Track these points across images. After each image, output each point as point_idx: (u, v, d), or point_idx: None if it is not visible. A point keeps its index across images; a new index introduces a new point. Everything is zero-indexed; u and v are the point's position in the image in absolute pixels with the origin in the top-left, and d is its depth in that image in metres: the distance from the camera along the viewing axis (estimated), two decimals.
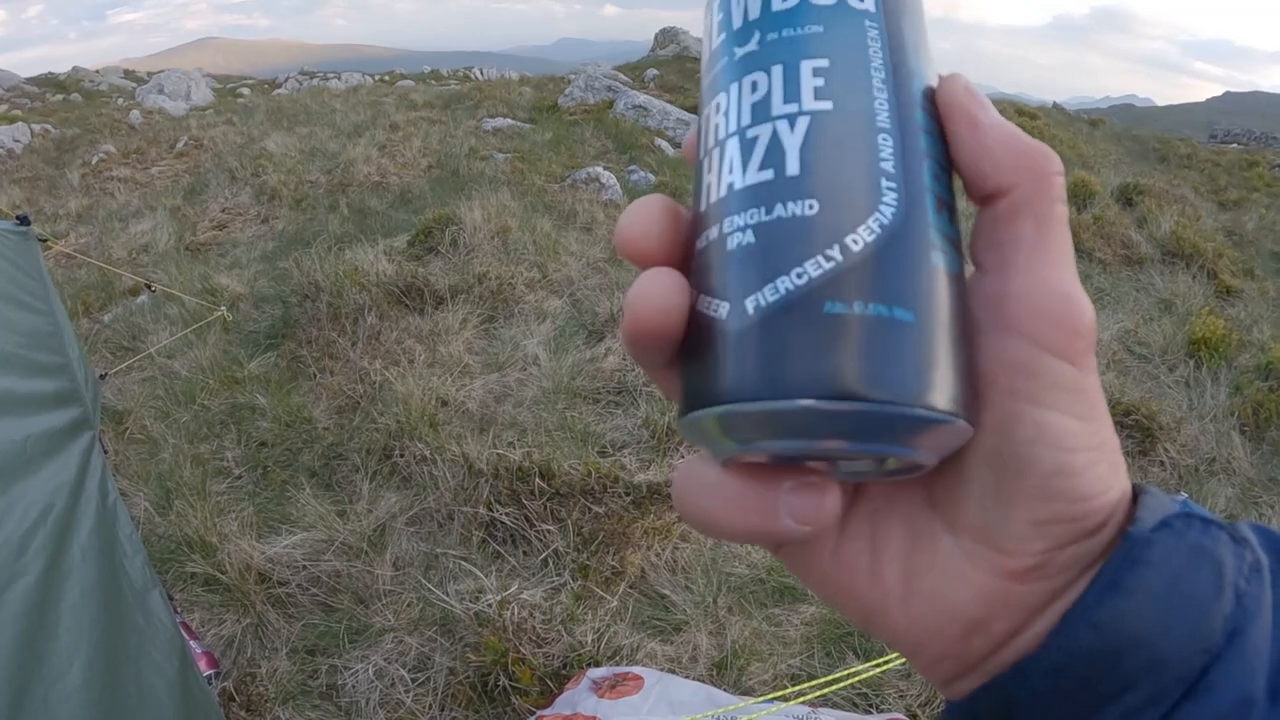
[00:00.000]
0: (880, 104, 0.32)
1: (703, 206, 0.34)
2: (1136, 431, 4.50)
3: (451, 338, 4.58)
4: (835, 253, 0.29)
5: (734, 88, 0.34)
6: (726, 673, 2.69)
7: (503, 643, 2.58)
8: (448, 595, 2.88)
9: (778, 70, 0.33)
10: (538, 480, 3.19)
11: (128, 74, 25.09)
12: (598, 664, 2.50)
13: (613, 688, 2.15)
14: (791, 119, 0.32)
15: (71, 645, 1.86)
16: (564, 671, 2.53)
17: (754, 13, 0.35)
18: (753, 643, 2.79)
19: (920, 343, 0.30)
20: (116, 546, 2.33)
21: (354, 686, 2.75)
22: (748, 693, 2.52)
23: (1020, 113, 15.02)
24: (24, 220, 3.49)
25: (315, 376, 4.48)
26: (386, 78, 22.23)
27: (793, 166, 0.31)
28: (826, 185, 0.31)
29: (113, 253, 7.12)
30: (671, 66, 17.39)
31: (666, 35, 20.42)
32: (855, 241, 0.30)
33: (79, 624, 1.92)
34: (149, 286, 5.52)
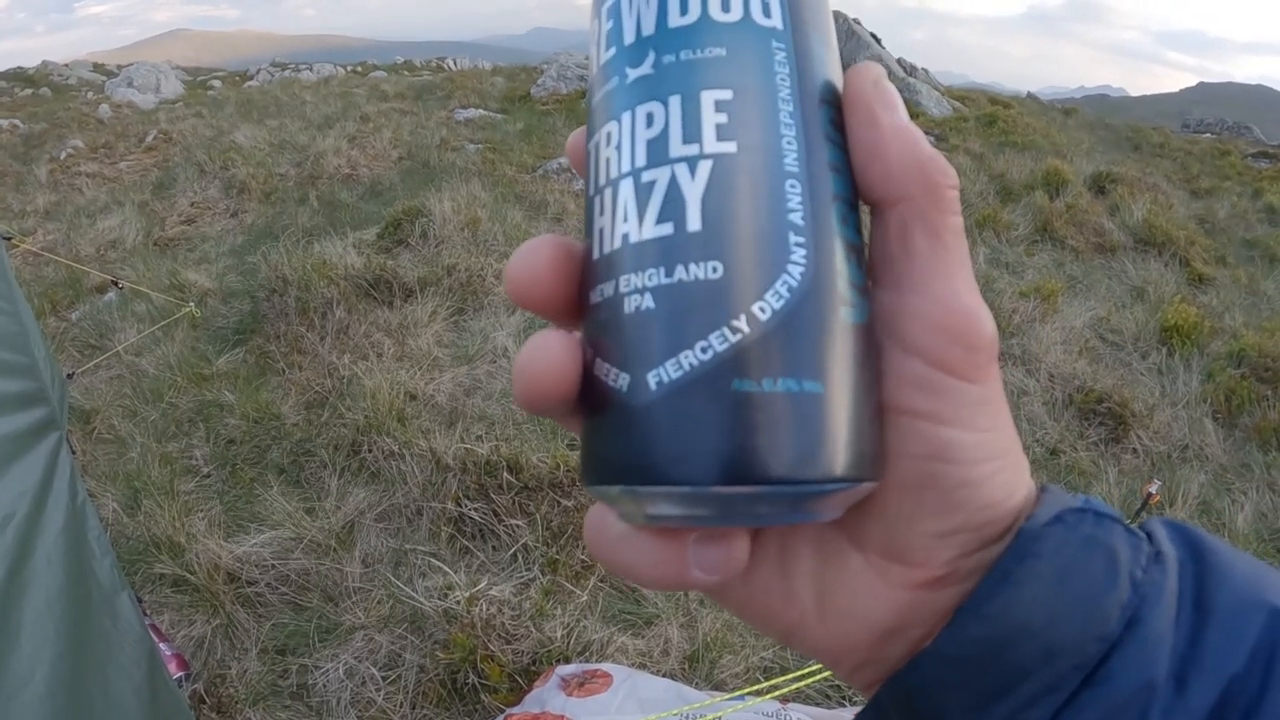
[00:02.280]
0: (788, 143, 0.30)
1: (596, 254, 0.32)
2: (1109, 419, 4.53)
3: (420, 331, 4.54)
4: (741, 323, 0.28)
5: (626, 118, 0.31)
6: (699, 666, 2.67)
7: (471, 640, 2.55)
8: (417, 592, 2.85)
9: (676, 102, 0.30)
10: (505, 474, 3.16)
11: (97, 67, 24.84)
12: (567, 659, 2.48)
13: (581, 685, 2.13)
14: (692, 163, 0.29)
15: (34, 653, 1.81)
16: (534, 668, 2.50)
17: (648, 27, 0.32)
18: (724, 635, 2.78)
19: (830, 414, 0.28)
20: (85, 549, 2.28)
21: (324, 686, 2.71)
22: (719, 687, 2.51)
23: (993, 102, 15.04)
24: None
25: (284, 372, 4.43)
26: (359, 69, 22.07)
27: (694, 221, 0.29)
28: (731, 245, 0.29)
29: (80, 249, 7.01)
30: None
31: None
32: (762, 310, 0.28)
33: (42, 631, 1.88)
34: (116, 284, 5.45)
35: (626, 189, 0.30)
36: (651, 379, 0.28)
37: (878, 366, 0.31)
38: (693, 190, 0.29)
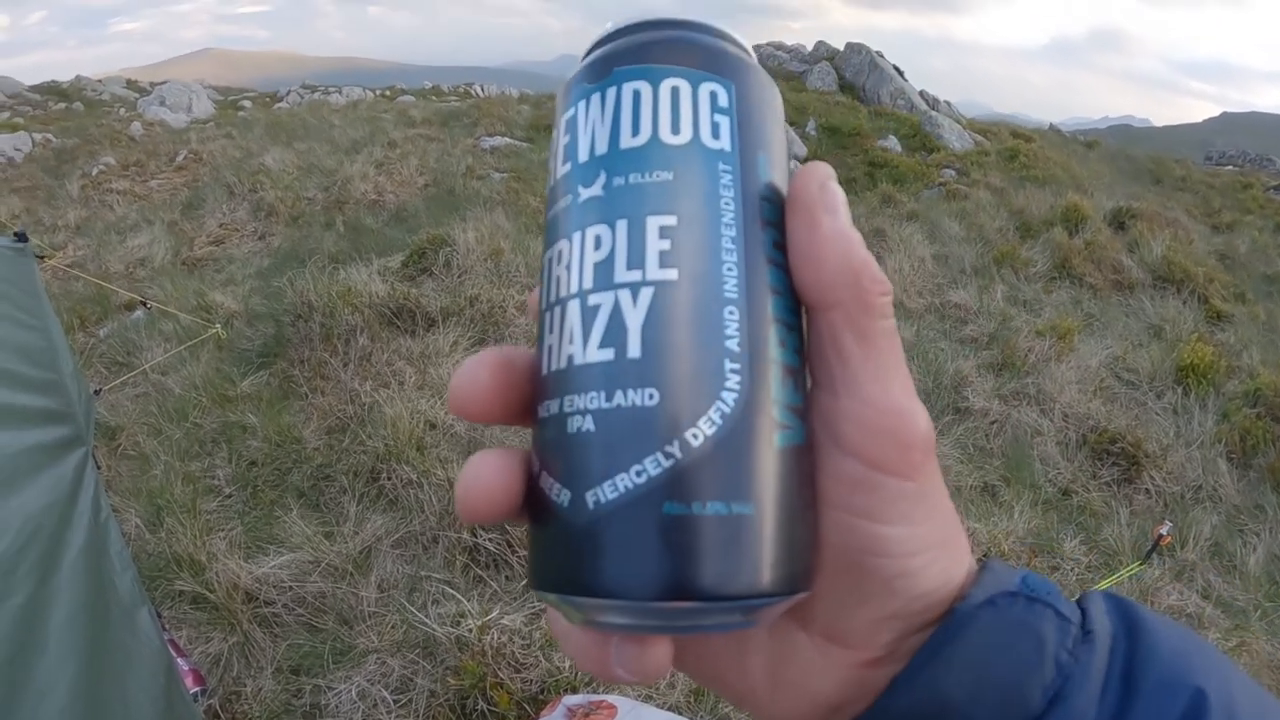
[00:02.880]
0: (729, 269, 0.31)
1: (545, 369, 0.33)
2: (1122, 459, 4.53)
3: (442, 360, 4.61)
4: (675, 449, 0.29)
5: (577, 238, 0.33)
6: (703, 699, 2.70)
7: (481, 667, 2.60)
8: (430, 618, 2.90)
9: (623, 228, 0.32)
10: None
11: (130, 84, 25.22)
12: (574, 690, 2.52)
13: (587, 715, 2.17)
14: (635, 290, 0.31)
15: (58, 664, 1.87)
16: (541, 696, 2.55)
17: (601, 146, 0.33)
18: None
19: (758, 534, 0.30)
20: (107, 563, 2.34)
21: (337, 707, 2.76)
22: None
23: (1015, 135, 15.07)
24: (21, 237, 3.53)
25: (306, 396, 4.51)
26: (387, 92, 22.35)
27: (634, 348, 0.30)
28: (668, 372, 0.30)
29: (109, 266, 7.16)
30: None
31: None
32: (695, 436, 0.29)
33: (66, 643, 1.94)
34: (144, 303, 5.55)
35: (574, 311, 0.32)
36: (589, 498, 0.30)
37: (812, 482, 0.33)
38: (634, 318, 0.30)
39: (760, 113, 0.35)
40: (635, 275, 0.31)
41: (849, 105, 15.06)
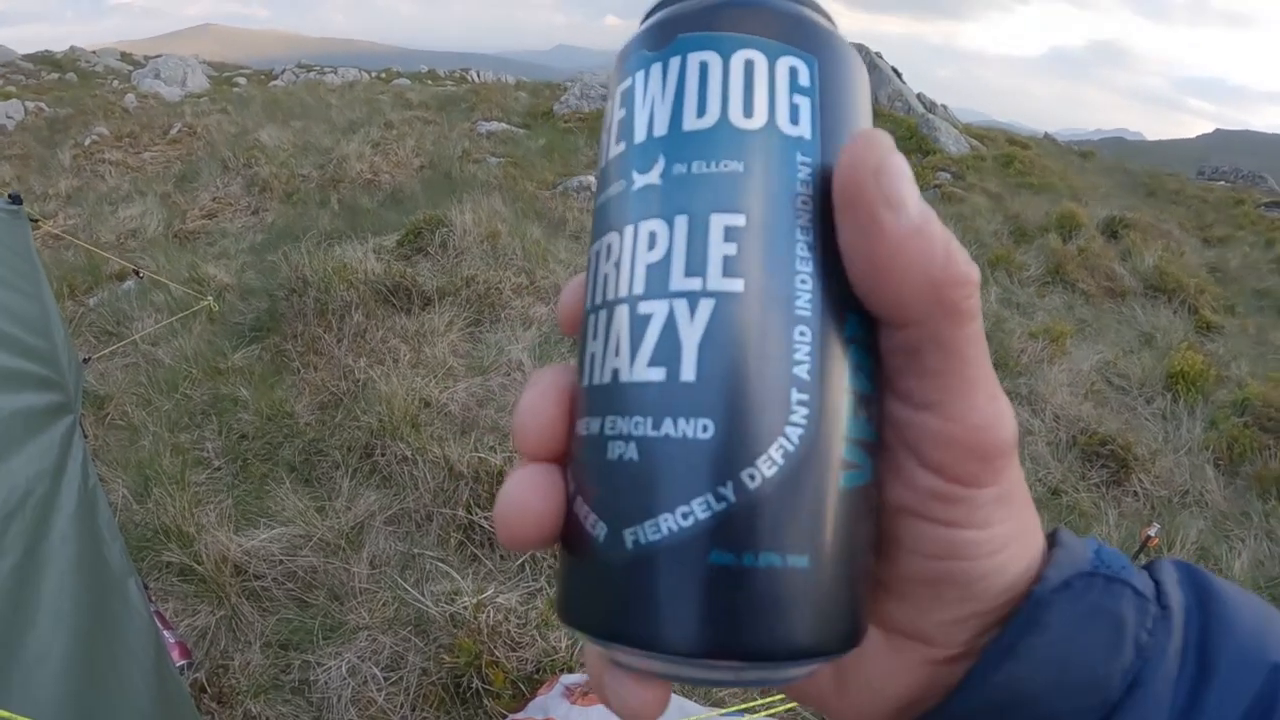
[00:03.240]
0: (803, 281, 0.28)
1: (585, 381, 0.30)
2: (1111, 461, 4.57)
3: (437, 339, 4.59)
4: (728, 491, 0.26)
5: (629, 232, 0.29)
6: None
7: (477, 645, 2.59)
8: (423, 596, 2.89)
9: (681, 224, 0.28)
10: None
11: (124, 56, 25.05)
12: (571, 670, 2.52)
13: (585, 694, 2.17)
14: (693, 301, 0.27)
15: (50, 631, 1.86)
16: (537, 676, 2.54)
17: (660, 126, 0.29)
18: None
19: (814, 589, 0.27)
20: (95, 532, 2.32)
21: (326, 683, 2.75)
22: (718, 704, 2.54)
23: (1011, 142, 15.13)
24: (16, 199, 3.49)
25: (299, 371, 4.48)
26: (383, 75, 22.25)
27: (688, 370, 0.27)
28: (725, 402, 0.27)
29: (101, 236, 7.09)
30: None
31: None
32: (752, 477, 0.26)
33: (58, 609, 1.92)
34: (137, 272, 5.51)
35: (622, 318, 0.28)
36: (628, 536, 0.27)
37: (876, 523, 0.31)
38: (690, 334, 0.27)
39: (847, 94, 0.31)
40: (694, 283, 0.27)
41: None
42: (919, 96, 16.53)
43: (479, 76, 23.38)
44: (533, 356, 4.60)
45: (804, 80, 0.29)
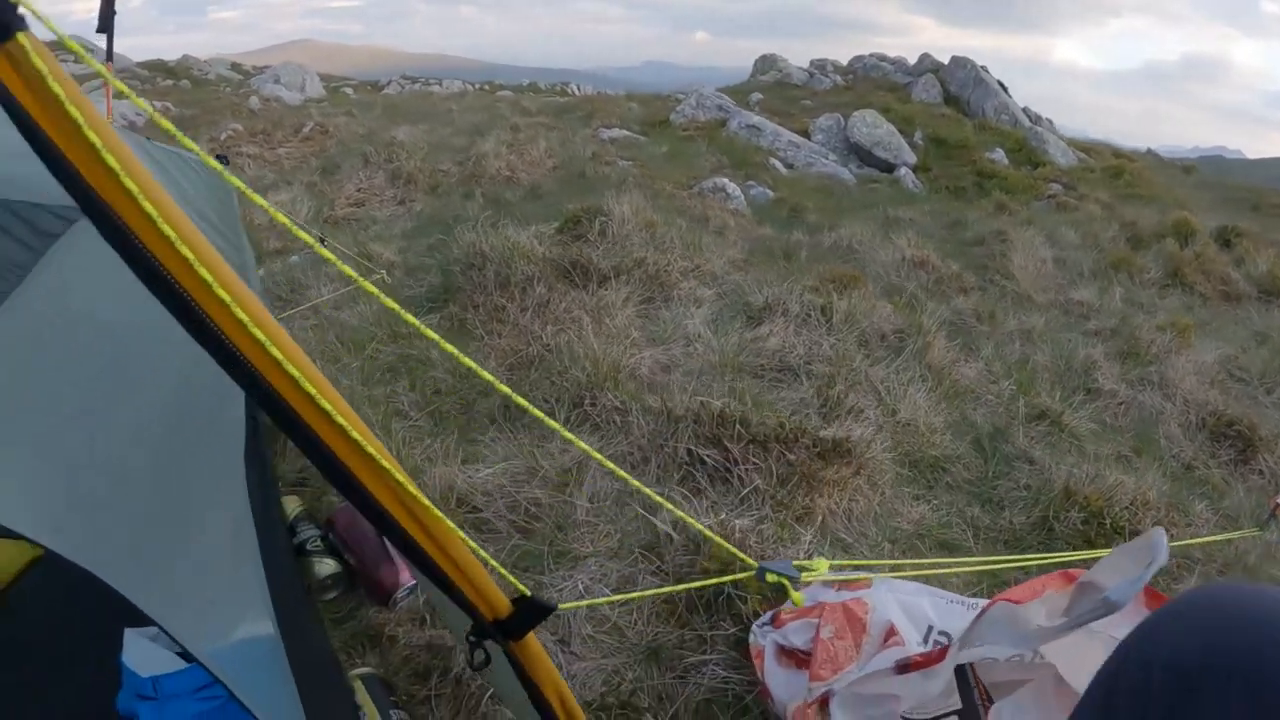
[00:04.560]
0: None
1: None
2: (1238, 441, 4.75)
3: (616, 312, 4.74)
4: None
5: None
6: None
7: (728, 555, 2.70)
8: (657, 520, 3.01)
9: None
10: (738, 426, 3.33)
11: (234, 66, 25.93)
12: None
13: (845, 584, 2.28)
14: None
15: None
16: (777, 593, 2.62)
17: None
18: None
19: None
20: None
21: (563, 598, 2.87)
22: None
23: (1116, 156, 15.16)
24: (223, 160, 3.73)
25: (483, 338, 4.66)
26: (486, 87, 22.74)
27: None
28: None
29: (254, 219, 7.39)
30: (773, 92, 17.60)
31: (766, 62, 20.67)
32: None
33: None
34: (322, 240, 5.76)
35: None
36: None
37: None
38: None
39: None
40: None
41: (954, 118, 15.15)
42: (1025, 110, 16.55)
43: (579, 90, 23.81)
44: (710, 328, 4.76)
45: None
